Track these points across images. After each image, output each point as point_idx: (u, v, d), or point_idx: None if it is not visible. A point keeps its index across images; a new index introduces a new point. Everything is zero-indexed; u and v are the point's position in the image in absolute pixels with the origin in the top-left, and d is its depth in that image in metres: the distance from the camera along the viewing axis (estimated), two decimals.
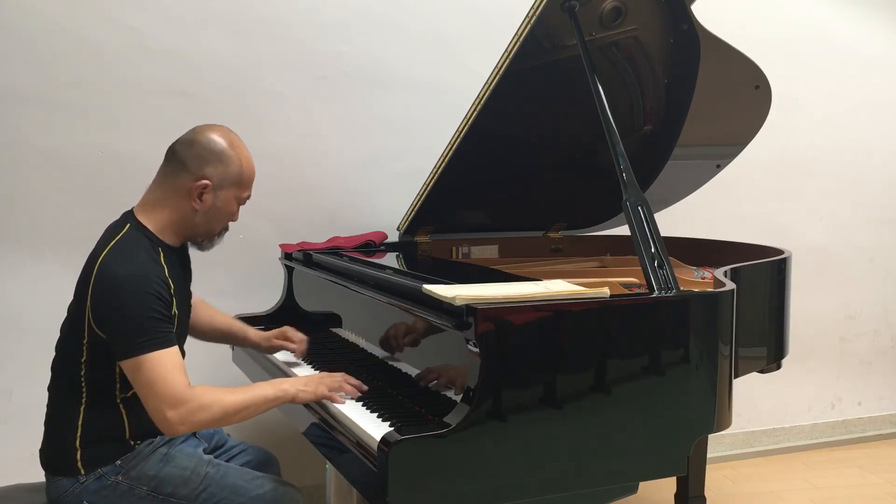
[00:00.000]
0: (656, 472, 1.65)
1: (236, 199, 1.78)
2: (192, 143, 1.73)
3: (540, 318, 1.53)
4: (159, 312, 1.61)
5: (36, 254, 2.51)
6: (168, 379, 1.56)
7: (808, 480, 3.27)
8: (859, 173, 3.71)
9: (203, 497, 1.72)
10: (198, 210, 1.73)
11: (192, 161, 1.70)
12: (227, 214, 1.78)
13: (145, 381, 1.57)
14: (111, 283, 1.60)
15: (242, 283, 2.75)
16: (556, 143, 2.57)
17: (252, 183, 1.82)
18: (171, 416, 1.55)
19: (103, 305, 1.61)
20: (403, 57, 2.89)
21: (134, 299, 1.59)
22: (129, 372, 1.59)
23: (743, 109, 2.58)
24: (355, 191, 2.88)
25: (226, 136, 1.75)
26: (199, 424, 1.59)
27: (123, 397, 1.70)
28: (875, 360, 3.83)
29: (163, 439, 1.76)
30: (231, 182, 1.74)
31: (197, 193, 1.71)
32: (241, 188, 1.77)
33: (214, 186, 1.71)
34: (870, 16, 3.63)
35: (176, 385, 1.57)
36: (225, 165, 1.72)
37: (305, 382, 1.73)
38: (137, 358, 1.56)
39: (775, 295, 2.31)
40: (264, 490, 1.76)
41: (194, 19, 2.64)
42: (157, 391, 1.56)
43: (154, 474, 1.70)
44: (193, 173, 1.70)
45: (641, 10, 2.25)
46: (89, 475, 1.67)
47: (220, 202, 1.74)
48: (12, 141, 2.49)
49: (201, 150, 1.71)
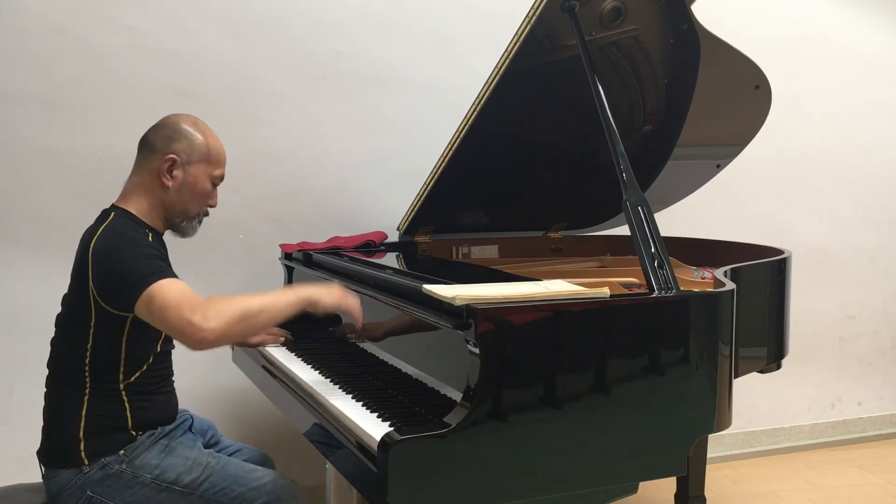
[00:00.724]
0: (656, 472, 1.65)
1: (208, 177, 1.83)
2: (158, 126, 1.83)
3: (540, 318, 1.53)
4: (160, 255, 1.69)
5: (36, 254, 2.51)
6: (184, 293, 1.59)
7: (808, 480, 3.27)
8: (859, 173, 3.71)
9: (205, 486, 1.74)
10: (169, 187, 1.78)
11: (160, 141, 1.79)
12: (201, 192, 1.83)
13: (161, 305, 1.57)
14: (109, 250, 1.66)
15: (242, 283, 2.75)
16: (556, 143, 2.57)
17: (223, 161, 1.87)
18: (195, 319, 1.54)
19: (106, 270, 1.65)
20: (403, 57, 2.89)
21: (133, 251, 1.65)
22: (145, 310, 1.60)
23: (743, 109, 2.58)
24: (355, 191, 2.88)
25: (191, 118, 1.85)
26: (226, 320, 1.57)
27: (126, 384, 1.73)
28: (875, 360, 3.83)
29: (163, 431, 1.79)
30: (199, 157, 1.80)
31: (166, 169, 1.77)
32: (210, 164, 1.83)
33: (183, 162, 1.78)
34: (870, 16, 3.64)
35: (191, 295, 1.59)
36: (190, 140, 1.80)
37: (328, 291, 1.75)
38: (148, 289, 1.59)
39: (775, 295, 2.31)
40: (264, 482, 1.78)
41: (194, 19, 2.65)
42: (176, 303, 1.56)
43: (157, 463, 1.72)
44: (161, 152, 1.78)
45: (641, 10, 2.25)
46: (92, 465, 1.69)
47: (190, 178, 1.80)
48: (12, 141, 2.49)
49: (168, 130, 1.80)
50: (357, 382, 1.86)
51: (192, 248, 2.66)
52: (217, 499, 1.74)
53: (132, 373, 1.74)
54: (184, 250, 2.63)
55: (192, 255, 2.69)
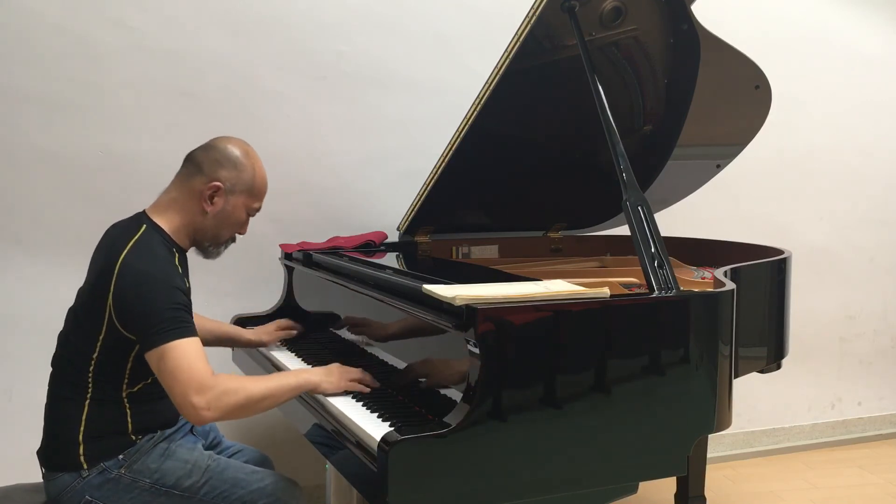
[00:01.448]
0: (656, 472, 1.65)
1: (246, 208, 1.83)
2: (209, 147, 1.80)
3: (540, 318, 1.53)
4: (183, 304, 1.66)
5: (36, 254, 2.51)
6: (193, 366, 1.59)
7: (808, 480, 3.27)
8: (859, 173, 3.71)
9: (204, 490, 1.73)
10: (208, 213, 1.77)
11: (208, 164, 1.77)
12: (235, 222, 1.83)
13: (171, 370, 1.58)
14: (137, 279, 1.64)
15: (242, 283, 2.75)
16: (556, 143, 2.57)
17: (263, 196, 1.86)
18: (197, 402, 1.57)
19: (130, 300, 1.63)
20: (403, 57, 2.89)
21: (161, 292, 1.63)
22: (154, 362, 1.61)
23: (743, 109, 2.58)
24: (355, 191, 2.88)
25: (243, 146, 1.83)
26: (226, 410, 1.60)
27: (129, 392, 1.73)
28: (875, 360, 3.83)
29: (163, 434, 1.78)
30: (243, 188, 1.79)
31: (208, 195, 1.76)
32: (251, 197, 1.82)
33: (226, 190, 1.77)
34: (870, 16, 3.64)
35: (201, 371, 1.59)
36: (238, 171, 1.78)
37: (328, 373, 1.78)
38: (163, 347, 1.59)
39: (775, 295, 2.31)
40: (265, 483, 1.78)
41: (194, 19, 2.64)
42: (183, 378, 1.58)
43: (156, 467, 1.72)
44: (207, 175, 1.76)
45: (641, 10, 2.25)
46: (92, 470, 1.69)
47: (230, 207, 1.79)
48: (12, 141, 2.49)
49: (217, 154, 1.78)
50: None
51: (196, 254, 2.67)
52: (217, 502, 1.73)
53: (136, 384, 1.73)
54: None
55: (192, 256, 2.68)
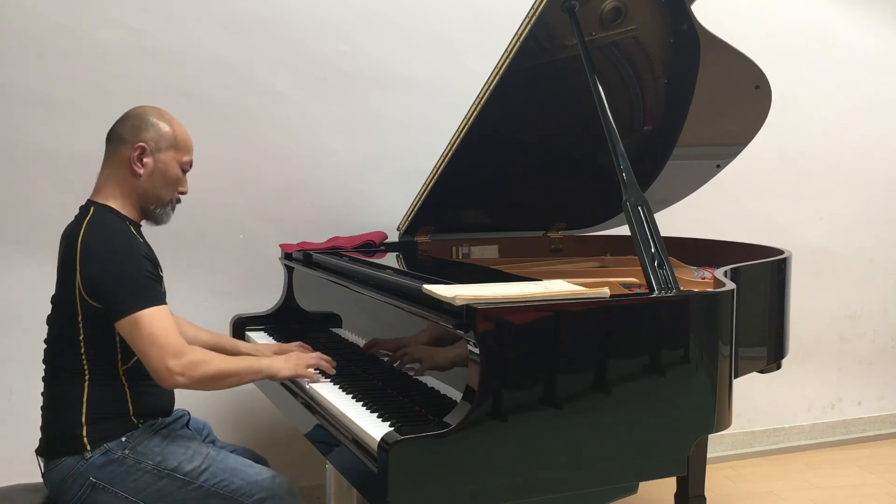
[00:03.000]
0: (656, 472, 1.65)
1: (178, 164, 1.87)
2: (124, 118, 1.86)
3: (540, 318, 1.53)
4: (151, 273, 1.72)
5: (35, 254, 2.51)
6: (168, 331, 1.66)
7: (808, 480, 3.27)
8: (859, 173, 3.71)
9: (205, 476, 1.75)
10: (141, 174, 1.82)
11: (128, 131, 1.83)
12: (172, 178, 1.87)
13: (145, 336, 1.64)
14: (101, 251, 1.69)
15: (242, 283, 2.75)
16: (556, 143, 2.57)
17: (191, 148, 1.91)
18: (172, 366, 1.64)
19: (96, 272, 1.68)
20: (403, 57, 2.89)
21: (126, 261, 1.69)
22: (127, 331, 1.66)
23: (743, 109, 2.58)
24: (355, 191, 2.88)
25: (156, 109, 1.89)
26: (198, 378, 1.68)
27: (126, 368, 1.76)
28: (875, 360, 3.83)
29: (163, 422, 1.82)
30: (167, 144, 1.84)
31: (136, 156, 1.81)
32: (178, 151, 1.87)
33: (152, 149, 1.82)
34: (870, 16, 3.63)
35: (176, 337, 1.67)
36: (157, 129, 1.84)
37: (285, 360, 1.88)
38: (135, 315, 1.64)
39: (775, 295, 2.31)
40: (263, 477, 1.80)
41: (194, 19, 2.64)
42: (158, 342, 1.64)
43: (159, 450, 1.75)
44: (130, 142, 1.81)
45: (641, 10, 2.25)
46: (95, 451, 1.71)
47: (161, 164, 1.84)
48: (11, 141, 2.49)
49: (134, 120, 1.84)
50: (357, 382, 1.86)
51: (192, 249, 2.68)
52: (216, 490, 1.75)
53: (130, 357, 1.75)
54: (184, 250, 2.65)
55: (193, 256, 2.69)
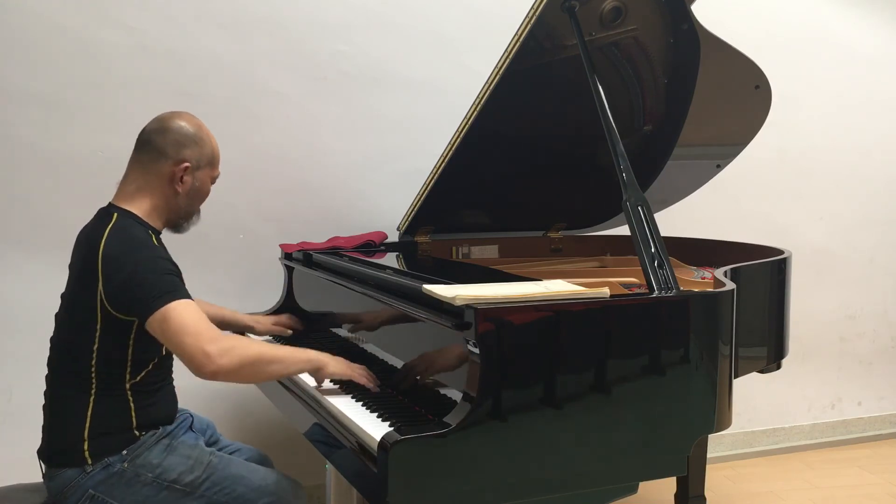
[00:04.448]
0: (656, 472, 1.65)
1: (210, 179, 1.90)
2: (164, 130, 1.82)
3: (540, 318, 1.53)
4: (175, 272, 1.72)
5: (36, 254, 2.51)
6: (200, 320, 1.63)
7: (808, 480, 3.27)
8: (859, 173, 3.71)
9: (206, 486, 1.74)
10: (179, 192, 1.82)
11: (171, 147, 1.80)
12: (204, 194, 1.89)
13: (178, 328, 1.60)
14: (123, 258, 1.67)
15: (242, 283, 2.75)
16: (556, 142, 2.56)
17: (219, 161, 1.93)
18: (211, 350, 1.59)
19: (120, 279, 1.66)
20: (403, 57, 2.89)
21: (149, 263, 1.67)
22: (157, 327, 1.62)
23: (743, 109, 2.58)
24: (355, 191, 2.88)
25: (192, 119, 1.87)
26: (239, 360, 1.62)
27: (133, 383, 1.74)
28: (875, 360, 3.83)
29: (165, 430, 1.79)
30: (206, 162, 1.86)
31: (180, 177, 1.81)
32: (213, 167, 1.89)
33: (193, 168, 1.82)
34: (870, 16, 3.64)
35: (209, 325, 1.64)
36: (200, 147, 1.84)
37: (334, 359, 1.81)
38: (164, 308, 1.62)
39: (775, 295, 2.31)
40: (267, 482, 1.78)
41: (194, 19, 2.64)
42: (191, 331, 1.60)
43: (158, 462, 1.73)
44: (173, 158, 1.80)
45: (641, 9, 2.25)
46: (96, 465, 1.70)
47: (198, 182, 1.85)
48: (12, 141, 2.49)
49: (176, 135, 1.81)
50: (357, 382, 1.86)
51: (192, 248, 2.67)
52: (218, 498, 1.74)
53: (138, 372, 1.74)
54: (184, 250, 2.63)
55: (193, 255, 2.68)
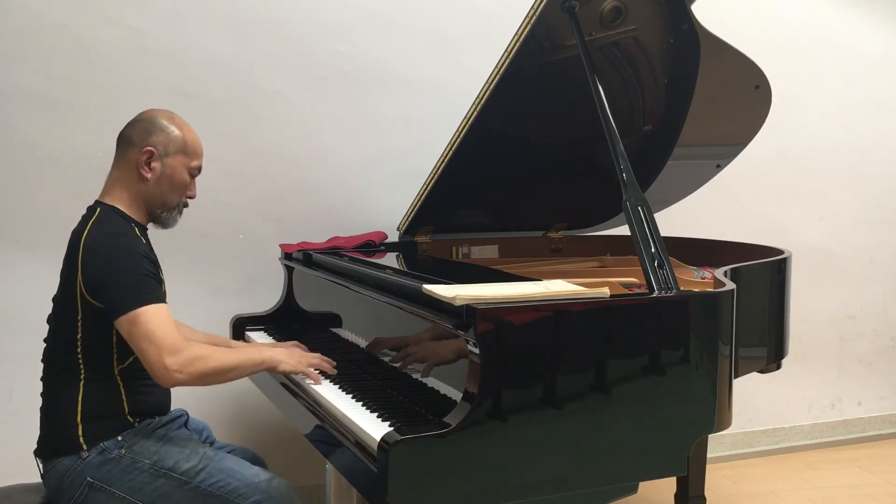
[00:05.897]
0: (656, 472, 1.65)
1: (186, 168, 1.87)
2: (135, 121, 1.86)
3: (540, 318, 1.53)
4: (151, 272, 1.72)
5: (36, 254, 2.51)
6: (166, 329, 1.65)
7: (808, 480, 3.27)
8: (859, 173, 3.71)
9: (202, 476, 1.75)
10: (149, 179, 1.82)
11: (138, 135, 1.83)
12: (179, 183, 1.87)
13: (143, 334, 1.64)
14: (102, 251, 1.70)
15: (242, 283, 2.75)
16: (556, 142, 2.56)
17: (200, 153, 1.91)
18: (170, 363, 1.63)
19: (97, 271, 1.69)
20: (403, 57, 2.89)
21: (126, 259, 1.69)
22: (125, 328, 1.66)
23: (743, 109, 2.58)
24: (355, 191, 2.88)
25: (167, 112, 1.90)
26: (197, 374, 1.68)
27: (121, 368, 1.77)
28: (875, 360, 3.83)
29: (160, 421, 1.82)
30: (176, 148, 1.85)
31: (144, 161, 1.81)
32: (187, 156, 1.87)
33: (160, 153, 1.83)
34: (870, 16, 3.63)
35: (174, 335, 1.66)
36: (167, 133, 1.84)
37: (289, 355, 1.89)
38: (134, 312, 1.64)
39: (775, 295, 2.31)
40: (260, 479, 1.79)
41: (194, 19, 2.64)
42: (156, 340, 1.63)
43: (155, 449, 1.75)
44: (139, 145, 1.82)
45: (641, 9, 2.25)
46: (91, 450, 1.71)
47: (168, 169, 1.84)
48: (12, 141, 2.49)
49: (144, 124, 1.85)
50: (357, 382, 1.87)
51: (192, 248, 2.68)
52: (212, 490, 1.75)
53: (125, 357, 1.76)
54: (184, 250, 2.64)
55: (193, 255, 2.69)
